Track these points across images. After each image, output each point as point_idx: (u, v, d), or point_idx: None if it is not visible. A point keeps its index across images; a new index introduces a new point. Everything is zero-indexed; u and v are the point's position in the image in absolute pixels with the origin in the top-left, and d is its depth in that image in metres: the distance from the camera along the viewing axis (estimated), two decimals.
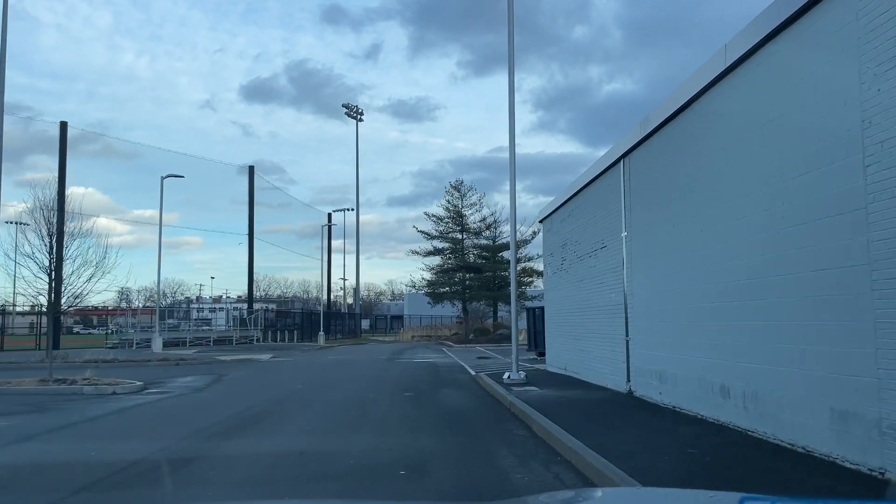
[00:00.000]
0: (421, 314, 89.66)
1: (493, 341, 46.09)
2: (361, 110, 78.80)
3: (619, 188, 14.14)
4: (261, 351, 42.10)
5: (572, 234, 18.30)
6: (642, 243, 12.88)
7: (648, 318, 12.50)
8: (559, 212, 19.84)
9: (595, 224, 16.08)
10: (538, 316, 31.26)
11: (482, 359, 31.92)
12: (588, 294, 16.72)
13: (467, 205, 58.76)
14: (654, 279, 12.14)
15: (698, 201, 10.19)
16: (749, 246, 8.44)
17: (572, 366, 18.59)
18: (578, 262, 17.71)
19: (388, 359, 34.12)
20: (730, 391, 9.06)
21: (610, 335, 14.93)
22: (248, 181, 57.83)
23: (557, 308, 20.48)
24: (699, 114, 10.22)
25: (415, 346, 50.57)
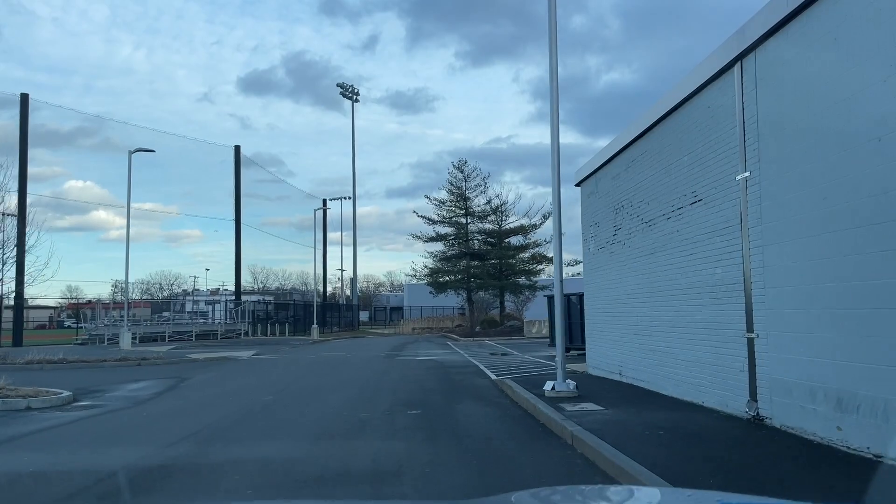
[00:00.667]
0: (422, 305, 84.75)
1: (503, 334, 41.28)
2: (357, 90, 73.80)
3: (731, 108, 9.23)
4: (245, 347, 37.21)
5: (635, 191, 13.36)
6: (790, 183, 7.93)
7: (805, 304, 7.57)
8: (610, 165, 14.88)
9: (679, 170, 11.14)
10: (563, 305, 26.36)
11: (497, 356, 27.01)
12: (666, 271, 11.79)
13: (471, 187, 53.82)
14: (821, 240, 7.21)
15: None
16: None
17: (633, 370, 13.68)
18: (646, 228, 12.78)
19: (386, 356, 29.22)
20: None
21: (711, 329, 10.03)
22: (234, 163, 52.90)
23: (605, 293, 15.55)
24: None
25: (416, 340, 45.72)
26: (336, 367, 24.10)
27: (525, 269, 52.87)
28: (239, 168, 52.68)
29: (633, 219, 13.47)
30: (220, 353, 30.89)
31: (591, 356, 16.74)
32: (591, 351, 16.84)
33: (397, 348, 35.41)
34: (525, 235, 54.36)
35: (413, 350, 33.64)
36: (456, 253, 54.13)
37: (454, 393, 14.96)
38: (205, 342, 42.92)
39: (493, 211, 53.53)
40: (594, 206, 16.37)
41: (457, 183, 53.62)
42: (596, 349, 16.41)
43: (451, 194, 53.80)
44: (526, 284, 52.70)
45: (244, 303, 50.06)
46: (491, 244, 54.46)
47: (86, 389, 17.50)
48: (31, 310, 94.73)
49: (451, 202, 53.96)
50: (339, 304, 74.37)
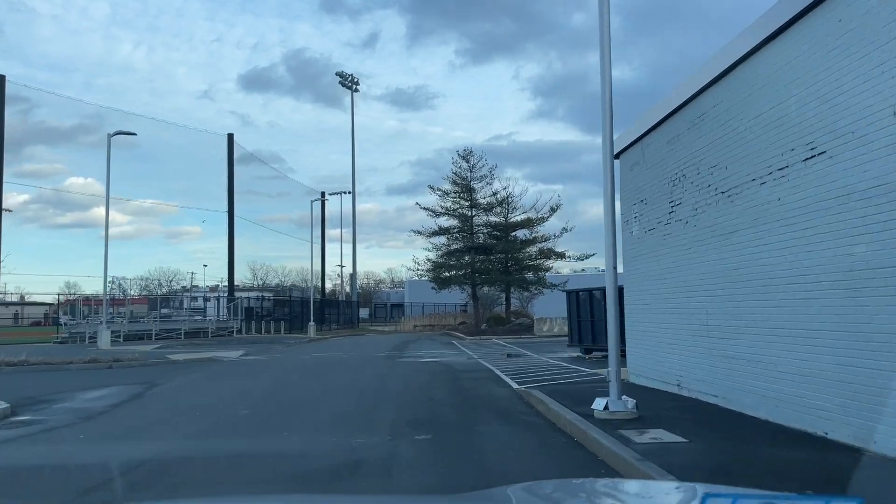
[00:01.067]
0: (423, 301, 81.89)
1: (511, 332, 38.38)
2: (357, 80, 70.83)
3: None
4: (235, 346, 34.31)
5: (704, 154, 10.42)
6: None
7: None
8: (665, 127, 11.94)
9: (782, 116, 8.20)
10: (584, 301, 23.48)
11: (510, 357, 24.08)
12: (758, 254, 8.84)
13: (477, 178, 50.81)
14: None
15: None
16: None
17: (699, 381, 10.76)
18: (723, 201, 9.85)
19: (387, 357, 26.31)
20: None
21: (842, 332, 7.11)
22: (227, 152, 49.97)
23: (655, 285, 12.61)
24: None
25: (419, 338, 42.83)
26: (330, 370, 21.20)
27: (533, 265, 49.94)
28: (232, 158, 49.80)
29: (701, 190, 10.53)
30: (205, 354, 27.99)
31: (636, 361, 13.81)
32: (634, 355, 13.90)
33: (398, 348, 32.54)
34: (531, 229, 51.44)
35: (416, 350, 30.76)
36: (460, 247, 51.20)
37: (471, 407, 12.06)
38: (194, 341, 40.05)
39: (500, 203, 50.59)
40: (639, 180, 13.43)
41: (462, 173, 50.67)
42: (642, 353, 13.47)
43: (456, 185, 50.82)
44: (534, 280, 49.78)
45: (238, 299, 47.14)
46: (496, 238, 51.50)
47: (33, 399, 14.70)
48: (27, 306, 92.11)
49: (455, 193, 50.99)
50: (338, 301, 71.50)
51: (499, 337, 36.94)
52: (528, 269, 50.51)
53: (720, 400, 9.97)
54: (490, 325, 42.23)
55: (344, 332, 56.63)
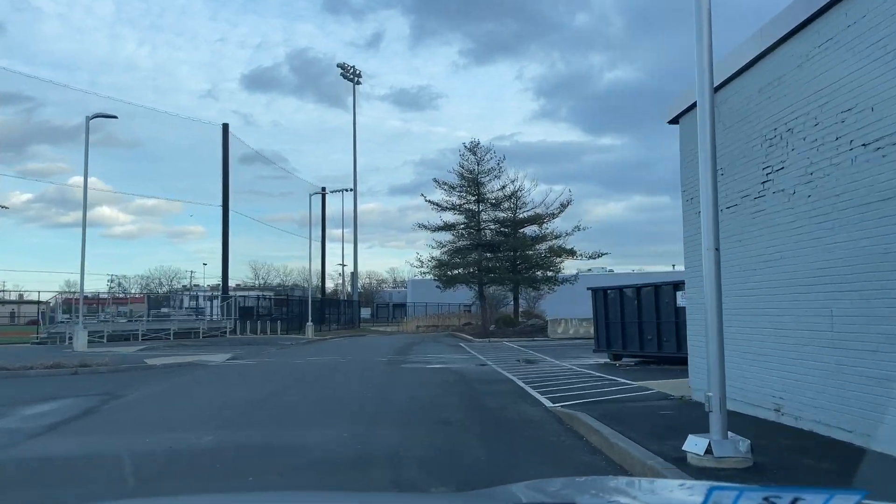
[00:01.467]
0: (427, 301, 79.06)
1: (523, 334, 35.44)
2: (359, 72, 67.95)
3: None
4: (224, 348, 31.45)
5: (829, 96, 7.51)
6: None
7: None
8: (763, 65, 8.99)
9: None
10: (614, 300, 20.60)
11: (529, 363, 21.20)
12: None
13: (485, 171, 47.92)
14: None
15: None
16: None
17: (818, 409, 7.82)
18: (866, 157, 6.94)
19: (389, 361, 23.42)
20: None
21: None
22: (223, 142, 47.10)
23: (743, 278, 9.65)
24: None
25: (423, 340, 39.94)
26: (322, 380, 18.31)
27: (543, 263, 47.06)
28: (227, 150, 46.95)
29: (823, 147, 7.61)
30: (188, 357, 25.12)
31: (697, 375, 10.89)
32: (701, 367, 10.96)
33: (402, 351, 29.65)
34: (541, 226, 48.56)
35: (421, 353, 27.87)
36: (467, 244, 48.32)
37: (499, 438, 9.16)
38: (183, 342, 37.19)
39: (508, 198, 47.69)
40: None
41: (468, 166, 47.79)
42: (703, 366, 10.50)
43: (463, 179, 47.94)
44: (544, 278, 46.89)
45: (232, 298, 44.24)
46: (504, 235, 48.65)
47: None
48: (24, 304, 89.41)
49: (461, 187, 48.12)
50: (338, 301, 68.66)
51: (510, 339, 34.04)
52: (538, 268, 47.66)
53: (858, 438, 7.05)
54: (499, 326, 39.33)
55: (344, 333, 53.78)
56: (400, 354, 27.22)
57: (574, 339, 33.27)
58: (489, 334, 36.60)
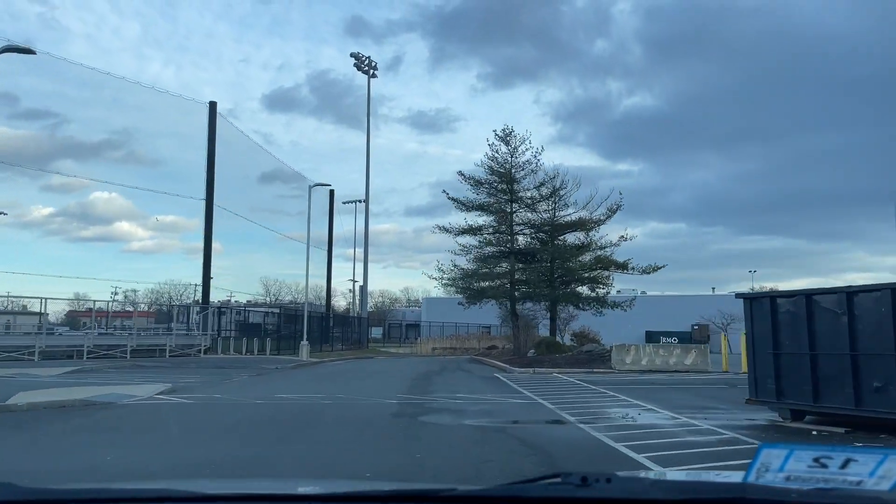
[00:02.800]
0: (443, 321, 70.11)
1: (576, 363, 26.17)
2: (375, 63, 59.63)
3: None
4: (176, 373, 22.62)
5: None
6: None
7: None
8: None
9: None
10: (792, 317, 11.49)
11: (638, 423, 12.11)
12: None
13: (518, 164, 39.02)
14: None
15: None
16: None
17: None
18: None
19: (400, 405, 14.35)
20: None
21: None
22: (208, 124, 38.70)
23: None
24: None
25: (444, 367, 30.92)
26: (279, 446, 9.34)
27: (589, 276, 37.99)
28: (213, 132, 38.53)
29: None
30: (100, 390, 16.28)
31: None
32: None
33: (419, 384, 20.67)
34: (587, 233, 39.51)
35: (447, 388, 18.86)
36: (497, 251, 39.31)
37: None
38: (141, 361, 28.47)
39: (547, 197, 38.71)
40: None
41: (500, 159, 38.87)
42: None
43: (493, 173, 39.01)
44: (593, 298, 37.77)
45: (211, 309, 35.37)
46: (541, 241, 39.65)
47: None
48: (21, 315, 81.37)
49: (491, 184, 39.23)
50: (345, 317, 59.76)
51: (561, 370, 24.93)
52: (582, 283, 38.55)
53: None
54: (541, 351, 30.26)
55: (348, 354, 44.80)
56: (416, 389, 18.25)
57: (651, 371, 24.18)
58: (530, 362, 27.50)
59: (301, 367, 30.16)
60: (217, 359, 32.11)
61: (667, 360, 24.95)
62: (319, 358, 37.50)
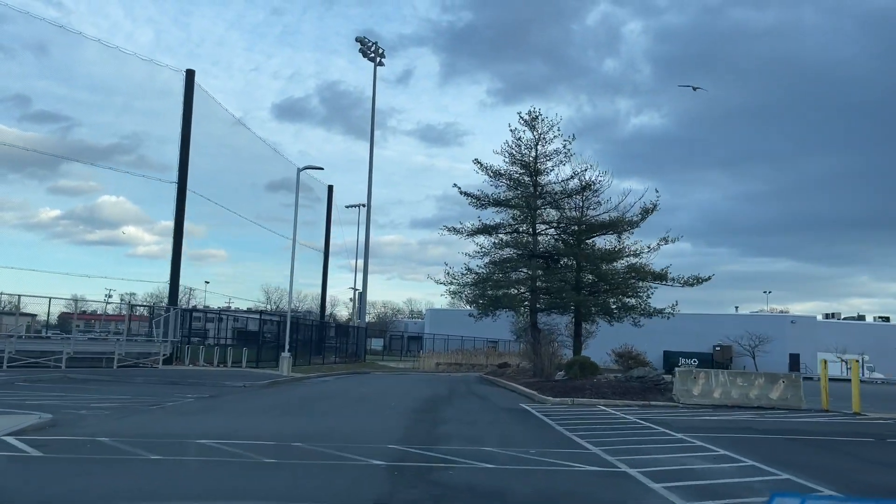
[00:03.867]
0: (448, 334, 63.93)
1: (628, 393, 19.28)
2: (382, 50, 53.81)
3: None
4: (110, 389, 16.47)
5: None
6: None
7: None
8: None
9: None
10: None
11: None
12: None
13: (545, 154, 32.93)
14: None
15: None
16: None
17: None
18: None
19: (392, 481, 8.13)
20: None
21: None
22: (185, 96, 32.74)
23: None
24: None
25: (452, 389, 24.65)
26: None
27: (622, 286, 31.79)
28: (190, 104, 32.58)
29: None
30: None
31: None
32: None
33: (421, 418, 14.42)
34: (619, 236, 33.32)
35: (463, 429, 12.60)
36: (515, 254, 33.10)
37: None
38: (75, 371, 22.33)
39: (578, 192, 32.54)
40: None
41: (524, 146, 32.80)
42: None
43: (514, 163, 32.96)
44: (629, 307, 31.54)
45: (175, 311, 29.11)
46: (566, 243, 33.46)
47: None
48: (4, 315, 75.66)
49: (509, 176, 33.11)
50: (342, 327, 53.47)
51: (608, 401, 18.59)
52: (615, 292, 32.33)
53: None
54: (573, 373, 23.91)
55: (341, 368, 38.54)
56: (419, 436, 11.97)
57: (727, 407, 17.88)
58: (564, 389, 21.08)
59: (277, 384, 23.93)
60: (175, 371, 25.87)
61: (746, 393, 18.65)
62: (304, 373, 31.29)
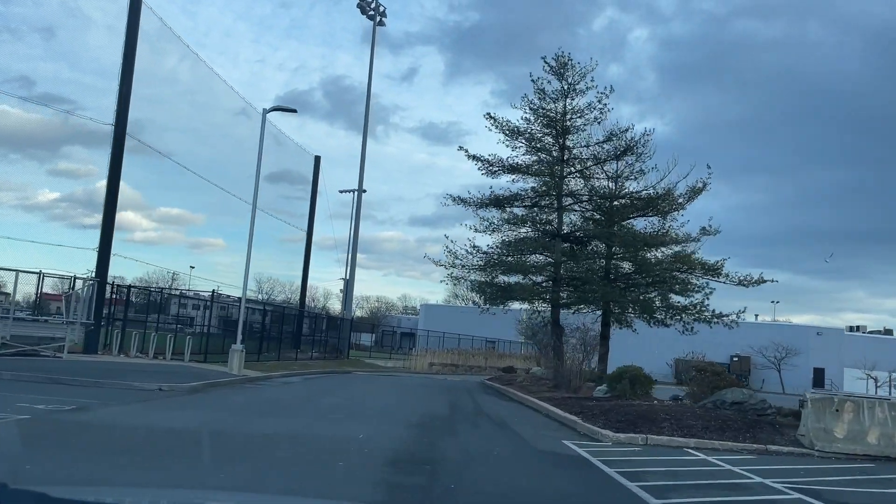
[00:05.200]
0: (444, 331, 56.79)
1: (724, 427, 12.04)
2: (383, 8, 46.67)
3: None
4: None
5: None
6: None
7: None
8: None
9: None
10: None
11: None
12: None
13: (576, 109, 25.80)
14: None
15: None
16: None
17: None
18: None
19: None
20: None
21: None
22: (129, 14, 25.69)
23: None
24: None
25: (453, 405, 17.61)
26: None
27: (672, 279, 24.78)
28: (135, 21, 25.49)
29: None
30: None
31: None
32: None
33: (402, 470, 7.43)
34: (663, 217, 26.32)
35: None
36: (535, 235, 26.00)
37: None
38: None
39: (619, 155, 25.47)
40: None
41: (548, 99, 25.67)
42: None
43: (537, 117, 25.83)
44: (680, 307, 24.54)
45: (90, 286, 21.91)
46: (598, 223, 26.41)
47: None
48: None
49: (533, 135, 26.02)
50: (324, 318, 46.34)
51: (699, 441, 11.60)
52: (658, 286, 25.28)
53: None
54: (622, 389, 16.79)
55: (317, 366, 31.38)
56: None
57: (891, 460, 10.95)
58: (615, 417, 13.88)
59: (211, 388, 16.86)
60: (80, 364, 18.69)
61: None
62: (265, 371, 24.23)
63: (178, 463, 7.67)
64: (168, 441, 9.16)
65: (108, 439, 9.02)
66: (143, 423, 10.62)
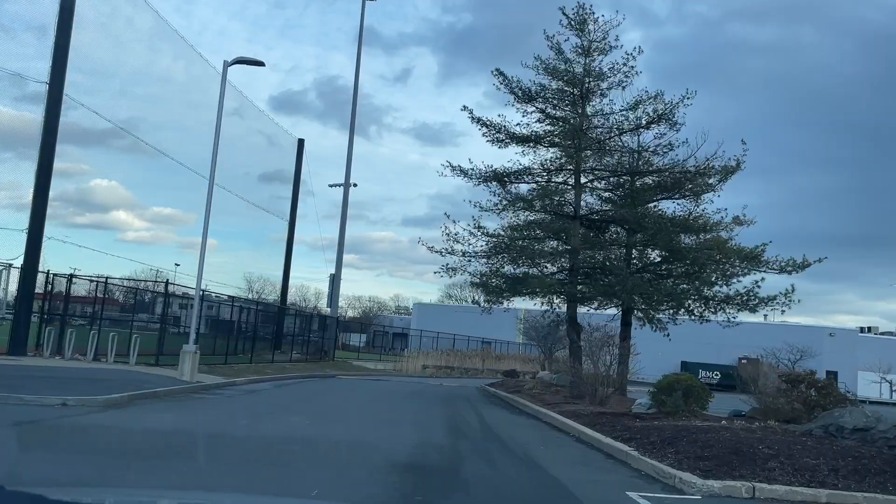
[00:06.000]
0: (438, 331, 52.68)
1: (872, 475, 8.33)
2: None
3: None
4: None
5: None
6: None
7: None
8: None
9: None
10: None
11: None
12: None
13: (597, 72, 21.65)
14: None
15: None
16: None
17: None
18: None
19: None
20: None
21: None
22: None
23: None
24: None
25: (452, 417, 13.54)
26: None
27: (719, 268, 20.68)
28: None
29: None
30: None
31: None
32: None
33: None
34: (696, 198, 22.27)
35: None
36: (550, 217, 21.85)
37: None
38: None
39: (650, 123, 21.33)
40: None
41: (565, 59, 21.51)
42: None
43: (553, 79, 21.66)
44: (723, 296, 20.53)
45: (3, 268, 17.60)
46: (622, 203, 22.30)
47: None
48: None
49: (548, 98, 21.88)
50: (308, 316, 42.07)
51: (831, 493, 7.65)
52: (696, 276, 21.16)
53: None
54: (675, 405, 12.78)
55: (296, 369, 27.15)
56: None
57: None
58: (692, 452, 9.83)
59: (144, 400, 12.70)
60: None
61: None
62: (230, 375, 20.13)
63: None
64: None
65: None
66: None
